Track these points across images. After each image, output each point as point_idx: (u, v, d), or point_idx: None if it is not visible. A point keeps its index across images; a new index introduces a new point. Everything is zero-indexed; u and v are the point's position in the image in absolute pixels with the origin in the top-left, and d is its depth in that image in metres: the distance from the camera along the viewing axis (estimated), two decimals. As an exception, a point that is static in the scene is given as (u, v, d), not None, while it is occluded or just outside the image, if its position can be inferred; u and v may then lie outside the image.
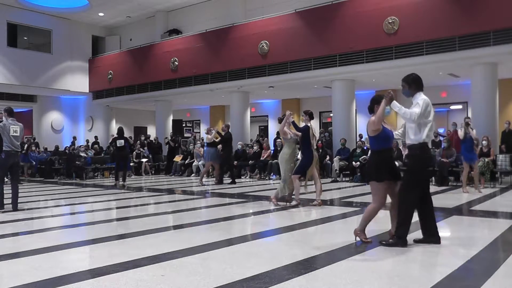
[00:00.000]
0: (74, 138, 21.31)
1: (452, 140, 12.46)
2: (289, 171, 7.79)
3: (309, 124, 7.77)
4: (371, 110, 4.86)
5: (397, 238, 4.64)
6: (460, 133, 9.88)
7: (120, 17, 22.14)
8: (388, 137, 4.77)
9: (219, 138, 12.56)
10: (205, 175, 13.34)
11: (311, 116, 7.92)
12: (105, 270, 3.85)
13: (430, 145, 4.92)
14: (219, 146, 12.80)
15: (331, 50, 14.35)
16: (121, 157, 12.88)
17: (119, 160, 12.99)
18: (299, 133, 7.78)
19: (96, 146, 19.08)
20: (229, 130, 12.98)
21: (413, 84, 4.77)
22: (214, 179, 13.12)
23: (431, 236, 4.75)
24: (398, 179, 4.81)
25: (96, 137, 21.30)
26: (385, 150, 4.76)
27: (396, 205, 4.74)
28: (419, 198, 4.71)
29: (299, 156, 11.16)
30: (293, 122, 7.97)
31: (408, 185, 4.70)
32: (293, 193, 7.85)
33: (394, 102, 4.63)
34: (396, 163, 9.35)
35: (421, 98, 4.66)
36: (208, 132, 12.79)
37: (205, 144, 12.86)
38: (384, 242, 4.70)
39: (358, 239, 4.86)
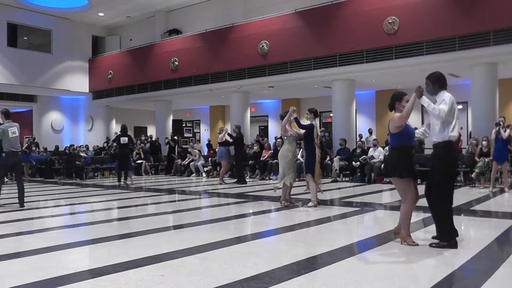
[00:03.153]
0: (108, 138, 21.48)
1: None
2: (288, 167, 7.61)
3: (313, 123, 7.59)
4: (392, 107, 4.78)
5: (447, 241, 4.52)
6: (493, 132, 9.89)
7: (120, 17, 22.13)
8: (410, 135, 4.70)
9: (231, 139, 12.79)
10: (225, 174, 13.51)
11: (315, 114, 7.74)
12: (105, 270, 3.85)
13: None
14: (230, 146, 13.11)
15: (331, 50, 14.35)
16: (123, 155, 12.65)
17: (121, 158, 12.78)
18: (300, 132, 7.74)
19: (96, 146, 19.12)
20: (240, 131, 13.06)
21: (437, 82, 4.70)
22: (232, 178, 13.26)
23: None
24: (416, 178, 4.75)
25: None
26: (407, 147, 4.68)
27: (409, 203, 4.63)
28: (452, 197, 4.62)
29: (299, 156, 11.15)
30: (296, 119, 7.83)
31: (439, 185, 4.58)
32: (309, 191, 7.72)
33: (424, 97, 4.53)
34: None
35: (446, 95, 4.61)
36: (220, 131, 13.00)
37: (217, 143, 13.23)
38: (434, 245, 4.58)
39: (404, 243, 4.67)
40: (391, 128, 4.67)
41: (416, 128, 5.18)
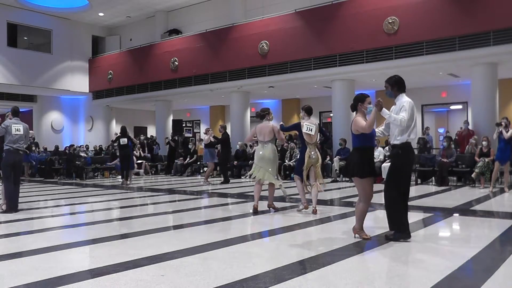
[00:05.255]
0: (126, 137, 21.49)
1: (462, 139, 12.52)
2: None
3: (304, 120, 7.10)
4: (354, 108, 4.98)
5: (399, 234, 4.78)
6: (495, 132, 9.91)
7: (120, 17, 22.14)
8: (371, 136, 4.91)
9: (215, 140, 12.90)
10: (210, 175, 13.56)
11: (307, 111, 7.17)
12: (105, 270, 3.85)
13: (414, 145, 5.12)
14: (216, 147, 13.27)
15: (331, 50, 14.35)
16: (124, 155, 12.91)
17: (122, 159, 13.03)
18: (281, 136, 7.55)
19: (98, 146, 19.12)
20: (226, 131, 13.06)
21: (396, 85, 4.90)
22: (220, 178, 13.27)
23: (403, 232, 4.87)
24: (375, 176, 5.01)
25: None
26: (367, 147, 4.89)
27: (367, 202, 4.91)
28: (402, 194, 4.85)
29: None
30: (282, 126, 7.73)
31: (390, 183, 4.86)
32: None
33: (384, 109, 4.75)
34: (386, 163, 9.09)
35: (405, 101, 4.80)
36: (207, 132, 13.04)
37: (204, 145, 13.28)
38: (388, 236, 4.85)
39: (357, 236, 4.98)
40: (353, 130, 4.87)
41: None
